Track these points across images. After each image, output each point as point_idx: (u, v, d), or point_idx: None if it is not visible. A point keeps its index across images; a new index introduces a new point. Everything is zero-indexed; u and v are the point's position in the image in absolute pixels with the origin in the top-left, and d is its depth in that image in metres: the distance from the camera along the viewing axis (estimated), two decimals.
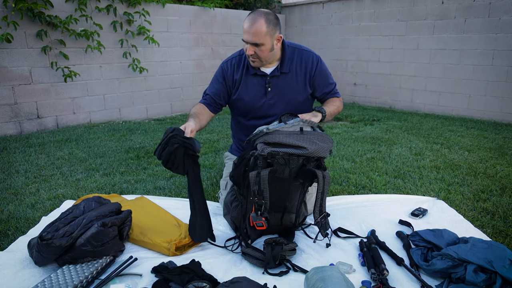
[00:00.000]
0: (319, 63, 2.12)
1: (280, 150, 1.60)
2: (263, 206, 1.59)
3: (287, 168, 1.68)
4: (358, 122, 4.86)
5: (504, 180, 2.68)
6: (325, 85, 2.16)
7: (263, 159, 1.61)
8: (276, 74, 2.06)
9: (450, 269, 1.44)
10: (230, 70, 2.12)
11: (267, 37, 1.90)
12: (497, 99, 4.87)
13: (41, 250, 1.50)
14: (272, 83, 2.07)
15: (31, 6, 4.03)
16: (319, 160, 1.68)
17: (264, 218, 1.60)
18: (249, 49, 1.93)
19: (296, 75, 2.08)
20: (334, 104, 2.14)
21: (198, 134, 4.22)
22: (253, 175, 1.59)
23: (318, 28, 6.65)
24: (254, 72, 2.07)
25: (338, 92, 2.24)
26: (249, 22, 1.89)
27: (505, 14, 4.63)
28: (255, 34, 1.88)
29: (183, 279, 1.40)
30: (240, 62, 2.12)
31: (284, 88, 2.09)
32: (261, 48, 1.92)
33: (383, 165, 3.05)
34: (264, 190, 1.58)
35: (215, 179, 2.73)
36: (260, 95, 2.09)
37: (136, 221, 1.84)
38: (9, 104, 4.15)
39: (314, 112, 1.97)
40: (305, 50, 2.13)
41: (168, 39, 5.40)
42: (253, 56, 1.96)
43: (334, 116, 2.15)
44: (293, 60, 2.08)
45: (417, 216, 2.03)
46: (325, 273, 1.31)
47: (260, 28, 1.87)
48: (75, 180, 2.76)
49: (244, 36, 1.93)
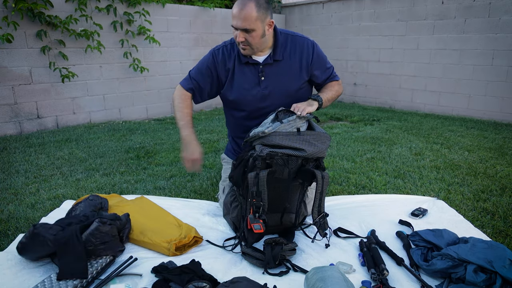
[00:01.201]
0: (315, 48, 2.01)
1: (279, 151, 1.59)
2: (261, 208, 1.58)
3: (286, 168, 1.67)
4: (358, 122, 4.86)
5: (504, 180, 2.68)
6: (323, 71, 2.07)
7: (262, 160, 1.60)
8: (269, 62, 1.95)
9: (450, 269, 1.44)
10: (221, 58, 2.00)
11: (257, 22, 1.80)
12: (497, 99, 4.87)
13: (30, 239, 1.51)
14: (265, 71, 1.95)
15: (31, 6, 4.03)
16: (318, 160, 1.68)
17: (262, 220, 1.58)
18: (239, 35, 1.83)
19: (290, 62, 1.97)
20: (332, 89, 2.05)
21: (198, 134, 4.22)
22: (252, 176, 1.58)
23: (318, 28, 6.65)
24: (246, 61, 1.96)
25: (336, 75, 2.14)
26: (238, 7, 1.78)
27: (505, 14, 4.63)
28: (245, 19, 1.78)
29: (183, 279, 1.40)
30: (233, 50, 2.00)
31: (279, 77, 1.97)
32: (251, 34, 1.82)
33: (383, 165, 3.05)
34: (262, 192, 1.57)
35: (215, 179, 2.73)
36: (253, 85, 1.97)
37: (136, 221, 1.84)
38: (9, 104, 4.15)
39: (309, 100, 1.90)
40: (299, 36, 2.02)
41: (168, 39, 5.40)
42: (244, 43, 1.86)
43: (334, 100, 2.06)
44: (286, 46, 1.97)
45: (417, 216, 2.03)
46: (325, 273, 1.31)
47: (250, 12, 1.77)
48: (75, 180, 2.76)
49: (233, 21, 1.83)
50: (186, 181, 2.73)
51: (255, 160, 1.60)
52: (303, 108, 1.79)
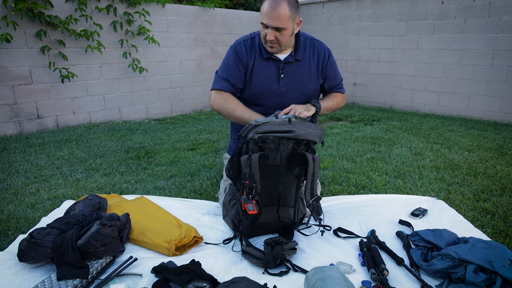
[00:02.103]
0: (330, 55, 2.07)
1: (270, 134, 1.64)
2: (254, 189, 1.61)
3: (278, 152, 1.70)
4: (358, 122, 4.86)
5: (504, 180, 2.68)
6: (333, 78, 2.11)
7: (254, 143, 1.64)
8: (290, 61, 1.96)
9: (450, 269, 1.44)
10: (244, 53, 1.98)
11: (289, 22, 1.79)
12: (497, 99, 4.87)
13: (29, 248, 1.51)
14: (286, 69, 1.97)
15: (31, 6, 4.03)
16: (308, 144, 1.71)
17: (255, 201, 1.61)
18: (270, 34, 1.81)
19: (309, 64, 2.01)
20: (334, 100, 2.09)
21: (198, 134, 4.22)
22: (245, 158, 1.62)
23: (318, 28, 6.65)
24: (268, 56, 1.95)
25: (343, 88, 2.18)
26: (271, 5, 1.76)
27: (505, 14, 4.63)
28: (278, 18, 1.76)
29: (183, 279, 1.39)
30: (253, 45, 1.98)
31: (298, 76, 1.99)
32: (282, 32, 1.81)
33: (383, 165, 3.05)
34: (254, 173, 1.60)
35: (215, 179, 2.73)
36: (273, 81, 1.98)
37: (136, 221, 1.84)
38: (9, 104, 4.15)
39: (308, 105, 1.92)
40: (317, 40, 2.07)
41: (168, 39, 5.40)
42: (273, 41, 1.84)
43: (332, 111, 2.10)
44: (306, 48, 2.01)
45: (417, 216, 2.03)
46: (325, 273, 1.31)
47: (283, 11, 1.75)
48: (75, 180, 2.76)
49: (264, 19, 1.79)
50: (186, 181, 2.73)
51: (247, 144, 1.65)
52: (300, 111, 1.82)
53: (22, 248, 1.54)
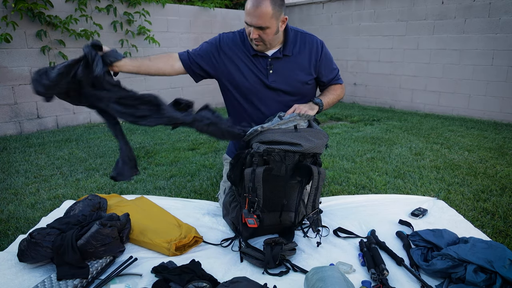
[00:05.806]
0: (323, 47, 2.02)
1: (276, 147, 1.61)
2: (256, 203, 1.59)
3: (283, 165, 1.68)
4: (358, 122, 4.86)
5: (504, 180, 2.68)
6: (329, 71, 2.07)
7: (259, 156, 1.61)
8: (278, 56, 1.91)
9: (450, 269, 1.44)
10: (228, 41, 1.94)
11: (272, 20, 1.75)
12: (497, 99, 4.87)
13: (29, 248, 1.51)
14: (274, 65, 1.92)
15: (31, 6, 4.03)
16: (315, 156, 1.69)
17: (256, 216, 1.60)
18: (253, 32, 1.78)
19: (299, 58, 1.95)
20: (334, 93, 2.05)
21: (198, 134, 4.22)
22: (249, 172, 1.59)
23: (318, 28, 6.65)
24: (255, 53, 1.91)
25: (340, 78, 2.14)
26: (253, 3, 1.72)
27: (505, 14, 4.63)
28: (260, 17, 1.72)
29: (183, 279, 1.39)
30: (242, 39, 1.95)
31: (287, 72, 1.94)
32: (266, 31, 1.77)
33: (383, 165, 3.05)
34: (258, 188, 1.58)
35: (215, 179, 2.73)
36: (261, 77, 1.94)
37: (136, 221, 1.84)
38: (9, 104, 4.15)
39: (311, 104, 1.91)
40: (308, 34, 2.01)
41: (168, 39, 5.40)
42: (257, 39, 1.81)
43: (334, 104, 2.07)
44: (296, 43, 1.96)
45: (417, 216, 2.03)
46: (325, 273, 1.31)
47: (265, 10, 1.71)
48: (75, 180, 2.76)
49: (247, 18, 1.76)
50: (186, 181, 2.73)
51: (252, 156, 1.61)
52: (305, 110, 1.80)
53: (22, 248, 1.54)
